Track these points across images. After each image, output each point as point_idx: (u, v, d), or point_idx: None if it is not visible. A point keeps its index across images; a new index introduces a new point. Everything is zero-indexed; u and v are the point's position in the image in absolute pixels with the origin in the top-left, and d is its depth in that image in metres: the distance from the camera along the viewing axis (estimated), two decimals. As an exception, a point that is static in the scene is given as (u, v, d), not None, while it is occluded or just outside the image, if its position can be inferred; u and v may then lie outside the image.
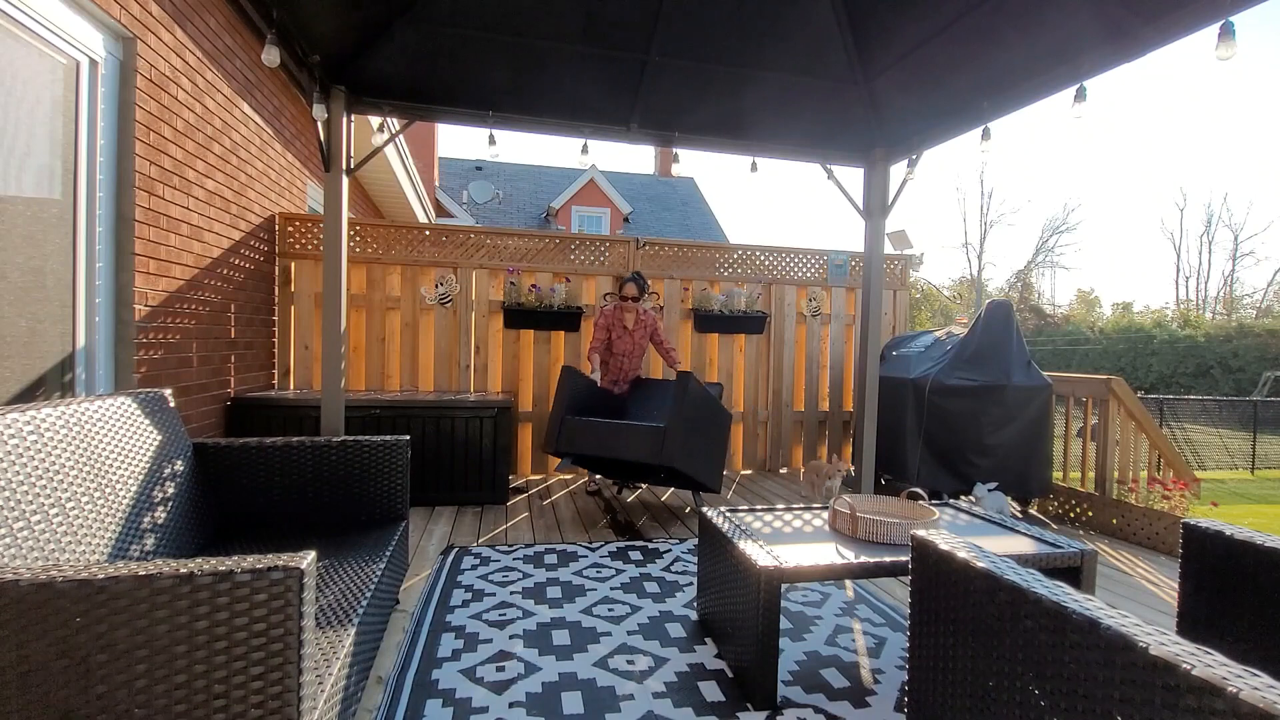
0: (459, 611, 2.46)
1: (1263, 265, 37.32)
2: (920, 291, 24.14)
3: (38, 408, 1.42)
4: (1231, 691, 0.75)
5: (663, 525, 3.73)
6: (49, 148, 2.23)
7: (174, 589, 1.04)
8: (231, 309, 3.70)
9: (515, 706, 1.84)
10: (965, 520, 2.48)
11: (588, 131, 3.82)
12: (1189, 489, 3.56)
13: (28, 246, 2.14)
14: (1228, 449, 11.82)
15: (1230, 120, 55.13)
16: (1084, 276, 60.92)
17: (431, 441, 3.97)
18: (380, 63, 3.28)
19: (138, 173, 2.61)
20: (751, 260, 5.39)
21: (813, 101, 3.74)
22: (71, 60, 2.31)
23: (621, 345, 4.28)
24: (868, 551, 2.04)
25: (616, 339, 4.26)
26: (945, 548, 1.36)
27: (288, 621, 1.09)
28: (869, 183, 4.09)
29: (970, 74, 3.09)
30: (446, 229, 4.91)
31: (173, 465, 1.87)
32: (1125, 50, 2.50)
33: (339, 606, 1.57)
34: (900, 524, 2.11)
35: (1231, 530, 1.47)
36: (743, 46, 3.39)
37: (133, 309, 2.63)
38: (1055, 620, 1.05)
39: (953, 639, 1.32)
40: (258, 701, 1.09)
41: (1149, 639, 0.90)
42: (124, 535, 1.55)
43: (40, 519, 1.30)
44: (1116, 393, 3.85)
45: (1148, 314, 27.27)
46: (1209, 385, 20.18)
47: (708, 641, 2.28)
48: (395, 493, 2.31)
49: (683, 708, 1.86)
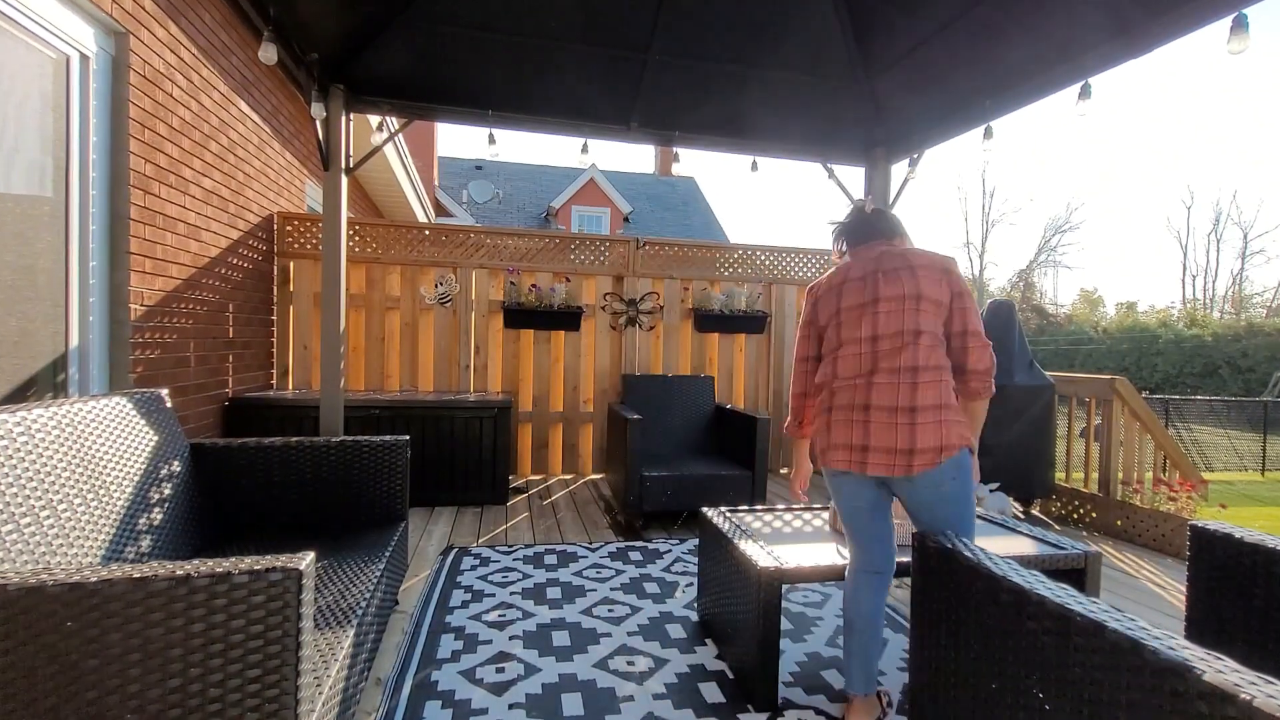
0: (458, 612, 2.45)
1: (1273, 264, 37.25)
2: (921, 291, 24.11)
3: (28, 408, 1.41)
4: (1245, 699, 0.73)
5: (663, 525, 3.72)
6: (39, 144, 2.21)
7: (170, 591, 1.03)
8: (230, 308, 3.68)
9: (515, 708, 1.83)
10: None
11: (588, 130, 3.81)
12: (1196, 490, 3.54)
13: (18, 244, 2.13)
14: (1236, 450, 11.76)
15: (1241, 116, 54.97)
16: (1087, 276, 60.85)
17: (431, 442, 3.96)
18: (379, 61, 3.26)
19: (132, 170, 2.59)
20: (752, 260, 5.37)
21: (813, 100, 3.73)
22: (61, 55, 2.29)
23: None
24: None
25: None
26: (946, 549, 1.35)
27: (286, 623, 1.08)
28: (870, 182, 4.07)
29: (972, 72, 3.08)
30: (446, 228, 4.89)
31: (169, 466, 1.86)
32: (1131, 46, 2.47)
33: (338, 608, 1.56)
34: (903, 524, 2.09)
35: (1241, 533, 1.46)
36: (743, 45, 3.38)
37: (128, 308, 2.61)
38: (1059, 623, 1.04)
39: (954, 640, 1.30)
40: (254, 705, 1.08)
41: (1157, 643, 0.89)
42: (119, 537, 1.53)
43: (30, 521, 1.28)
44: (1120, 393, 3.83)
45: (1152, 313, 27.22)
46: (1217, 385, 20.10)
47: (708, 642, 2.26)
48: (394, 493, 2.29)
49: (683, 709, 1.84)
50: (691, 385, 4.45)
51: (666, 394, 4.35)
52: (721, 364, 5.30)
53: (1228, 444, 12.03)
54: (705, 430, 4.35)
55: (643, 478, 3.52)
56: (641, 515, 3.59)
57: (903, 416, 1.57)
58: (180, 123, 2.98)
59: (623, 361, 5.05)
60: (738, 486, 3.64)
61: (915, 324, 1.59)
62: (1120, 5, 2.39)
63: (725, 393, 5.25)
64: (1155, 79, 63.36)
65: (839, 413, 1.66)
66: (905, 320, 1.60)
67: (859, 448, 1.61)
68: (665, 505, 3.55)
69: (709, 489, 3.60)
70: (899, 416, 1.57)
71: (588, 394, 5.03)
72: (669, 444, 4.24)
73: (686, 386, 4.43)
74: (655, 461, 3.77)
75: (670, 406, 4.32)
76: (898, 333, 1.60)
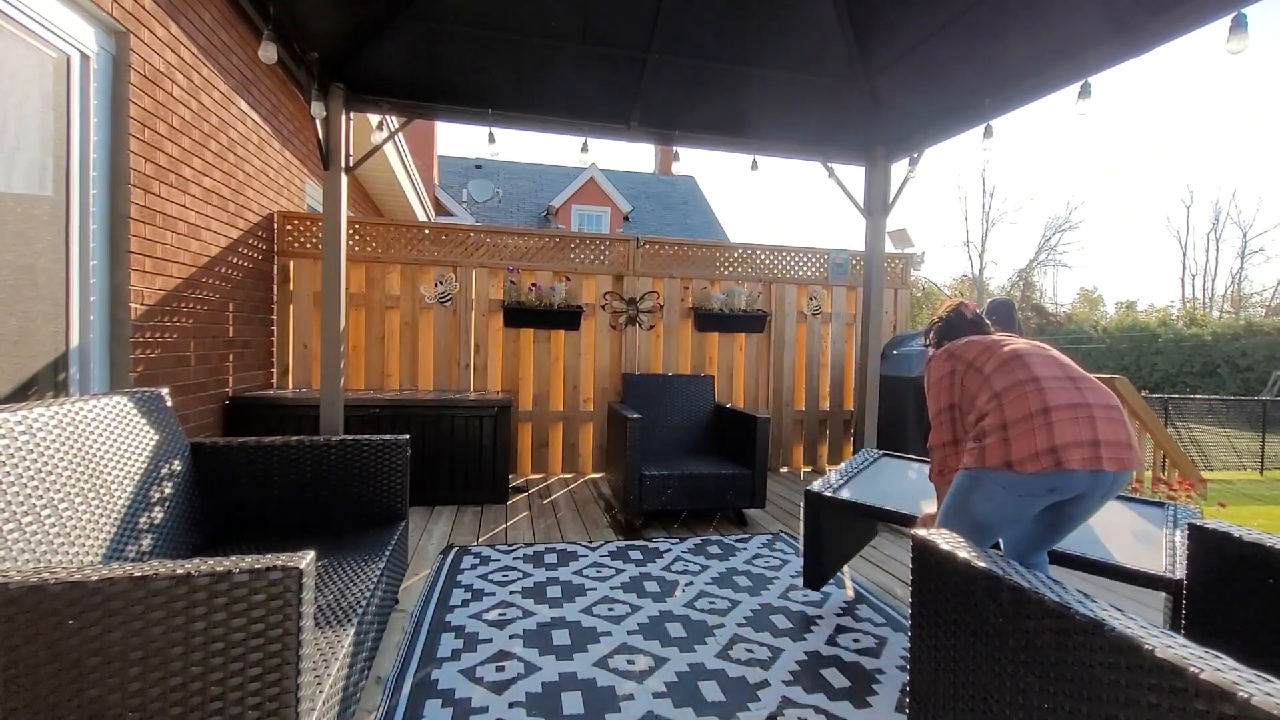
0: (459, 611, 2.45)
1: (1272, 263, 37.16)
2: (921, 290, 24.11)
3: (29, 407, 1.41)
4: (1243, 697, 0.73)
5: (663, 525, 3.72)
6: (39, 143, 2.21)
7: (170, 590, 1.03)
8: (230, 308, 3.68)
9: (515, 706, 1.83)
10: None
11: (588, 129, 3.80)
12: (1195, 489, 3.55)
13: (18, 244, 2.13)
14: (1235, 449, 11.75)
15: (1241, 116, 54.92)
16: (1087, 275, 60.74)
17: (431, 441, 3.96)
18: (379, 60, 3.26)
19: (132, 169, 2.59)
20: (752, 259, 5.37)
21: (813, 99, 3.72)
22: (62, 54, 2.29)
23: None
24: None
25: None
26: (946, 547, 1.35)
27: (286, 622, 1.08)
28: (870, 181, 4.07)
29: (972, 71, 3.07)
30: (446, 227, 4.89)
31: (170, 465, 1.86)
32: (1132, 45, 2.47)
33: (338, 606, 1.56)
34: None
35: (1239, 531, 1.46)
36: (743, 44, 3.37)
37: (128, 307, 2.61)
38: (1058, 621, 1.04)
39: (954, 640, 1.30)
40: (255, 703, 1.08)
41: (1155, 641, 0.89)
42: (119, 536, 1.53)
43: (31, 520, 1.28)
44: (1120, 392, 3.84)
45: (1152, 313, 27.20)
46: (1216, 384, 20.10)
47: (708, 641, 2.26)
48: (395, 492, 2.29)
49: (683, 708, 1.85)
50: (691, 384, 4.45)
51: (666, 393, 4.36)
52: (721, 363, 5.30)
53: (1227, 443, 12.03)
54: (705, 429, 4.36)
55: (643, 477, 3.52)
56: (641, 514, 3.60)
57: (1116, 412, 1.69)
58: (180, 122, 2.98)
59: (623, 360, 5.06)
60: (738, 485, 3.65)
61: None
62: (1120, 4, 2.39)
63: (725, 392, 5.25)
64: (1155, 78, 63.37)
65: (1061, 411, 1.65)
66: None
67: (1090, 444, 1.61)
68: (665, 504, 3.55)
69: (709, 488, 3.61)
70: (1113, 412, 1.68)
71: (588, 393, 5.03)
72: (669, 443, 4.24)
73: (686, 385, 4.44)
74: (655, 460, 3.77)
75: (670, 405, 4.32)
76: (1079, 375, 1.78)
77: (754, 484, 3.65)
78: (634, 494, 3.51)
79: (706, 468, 3.68)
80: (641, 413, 3.77)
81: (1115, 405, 1.68)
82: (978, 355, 1.84)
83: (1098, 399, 1.66)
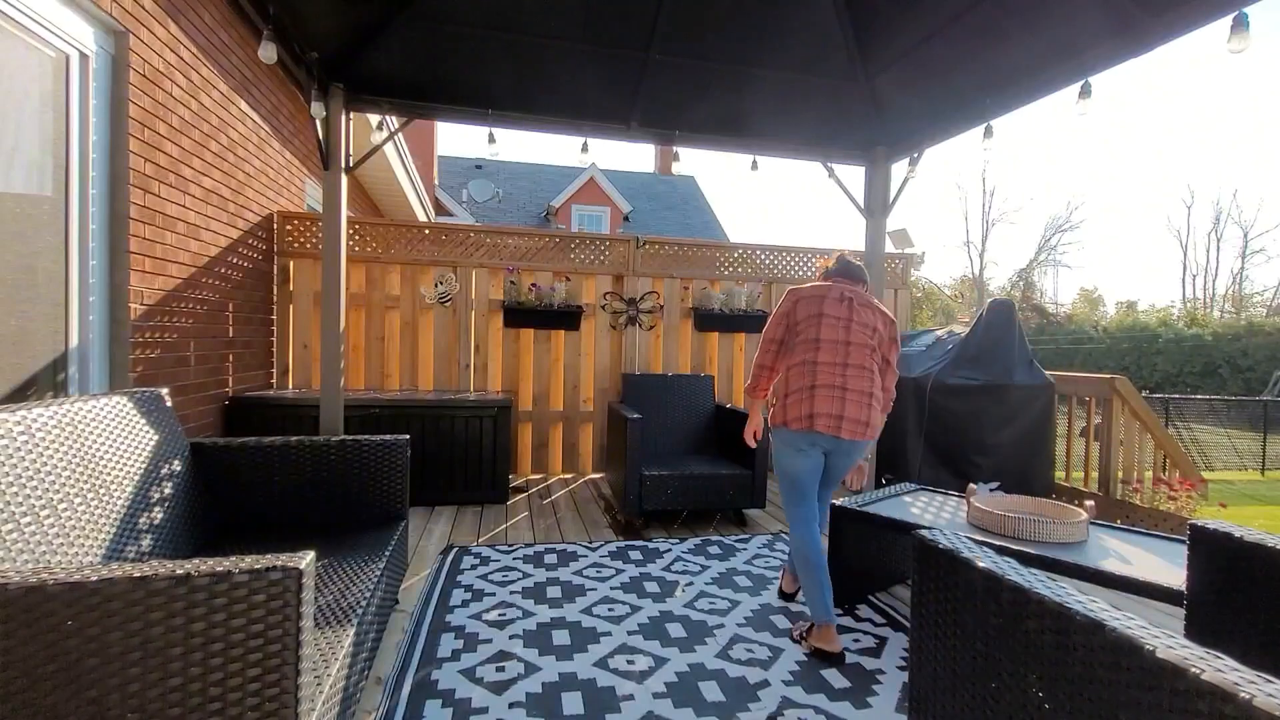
0: (459, 611, 2.45)
1: (1273, 263, 37.13)
2: (921, 290, 24.11)
3: (28, 407, 1.40)
4: (1244, 698, 0.73)
5: (663, 525, 3.72)
6: (39, 143, 2.21)
7: (170, 590, 1.03)
8: (229, 308, 3.68)
9: (515, 707, 1.83)
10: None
11: (588, 129, 3.80)
12: (1196, 489, 3.55)
13: (17, 243, 2.13)
14: (1236, 449, 11.73)
15: (1242, 115, 54.82)
16: (1087, 275, 60.60)
17: (431, 441, 3.96)
18: (379, 60, 3.26)
19: (132, 169, 2.59)
20: (752, 259, 5.37)
21: (814, 99, 3.72)
22: (61, 54, 2.29)
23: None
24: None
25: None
26: (946, 547, 1.35)
27: (286, 622, 1.08)
28: (870, 181, 4.07)
29: (973, 71, 3.07)
30: (446, 227, 4.89)
31: (169, 465, 1.86)
32: (1132, 45, 2.47)
33: (338, 607, 1.56)
34: (1043, 520, 2.17)
35: (1241, 532, 1.45)
36: (743, 44, 3.37)
37: (128, 307, 2.61)
38: (1059, 621, 1.04)
39: (954, 639, 1.30)
40: (255, 704, 1.08)
41: (1156, 641, 0.89)
42: (119, 536, 1.53)
43: (31, 520, 1.28)
44: (1120, 392, 3.83)
45: (1153, 312, 27.18)
46: (1217, 385, 20.07)
47: (708, 641, 2.26)
48: (395, 492, 2.29)
49: (683, 708, 1.85)
50: (691, 384, 4.45)
51: (666, 393, 4.36)
52: (721, 363, 5.30)
53: (1228, 443, 12.01)
54: (705, 429, 4.35)
55: (643, 477, 3.52)
56: (641, 514, 3.59)
57: (866, 399, 2.25)
58: (180, 122, 2.98)
59: (623, 360, 5.05)
60: (738, 485, 3.65)
61: (871, 341, 2.31)
62: (1121, 3, 2.39)
63: (725, 392, 5.25)
64: (1155, 78, 63.32)
65: (822, 390, 2.22)
66: (867, 338, 2.29)
67: (836, 416, 2.20)
68: (665, 504, 3.55)
69: (709, 488, 3.61)
70: (864, 398, 2.24)
71: (588, 393, 5.03)
72: (669, 443, 4.24)
73: (686, 385, 4.43)
74: (655, 460, 3.77)
75: (670, 405, 4.32)
76: (862, 344, 2.28)
77: (754, 484, 3.65)
78: (634, 494, 3.51)
79: (706, 468, 3.67)
80: (641, 413, 3.77)
81: (867, 392, 2.24)
82: (805, 317, 2.31)
83: (855, 385, 2.23)
